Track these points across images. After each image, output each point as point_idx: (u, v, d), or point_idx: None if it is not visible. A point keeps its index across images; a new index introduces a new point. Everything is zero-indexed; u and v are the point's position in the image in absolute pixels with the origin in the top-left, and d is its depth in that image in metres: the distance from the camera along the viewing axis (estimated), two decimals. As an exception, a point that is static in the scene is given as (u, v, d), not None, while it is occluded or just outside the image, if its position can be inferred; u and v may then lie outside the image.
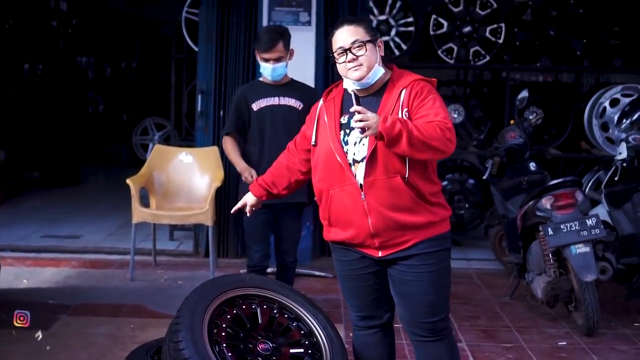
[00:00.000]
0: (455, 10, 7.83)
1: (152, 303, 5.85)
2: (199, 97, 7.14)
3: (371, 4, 7.61)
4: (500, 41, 7.79)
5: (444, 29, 7.83)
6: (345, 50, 3.45)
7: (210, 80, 7.10)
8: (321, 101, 3.68)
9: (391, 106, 3.42)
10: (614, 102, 7.66)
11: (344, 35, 3.46)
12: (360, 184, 3.43)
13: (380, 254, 3.51)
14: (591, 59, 8.23)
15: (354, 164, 3.47)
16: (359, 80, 3.47)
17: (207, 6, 7.09)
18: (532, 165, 6.23)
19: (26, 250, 7.22)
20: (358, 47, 3.43)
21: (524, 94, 6.39)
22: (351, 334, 3.87)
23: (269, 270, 5.98)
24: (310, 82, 5.80)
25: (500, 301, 6.12)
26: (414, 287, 3.51)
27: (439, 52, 7.81)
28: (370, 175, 3.41)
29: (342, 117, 3.54)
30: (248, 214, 4.03)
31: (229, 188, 6.99)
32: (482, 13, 7.82)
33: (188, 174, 6.81)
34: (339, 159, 3.46)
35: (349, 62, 3.44)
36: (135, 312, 5.66)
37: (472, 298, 6.21)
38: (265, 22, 6.85)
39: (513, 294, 6.17)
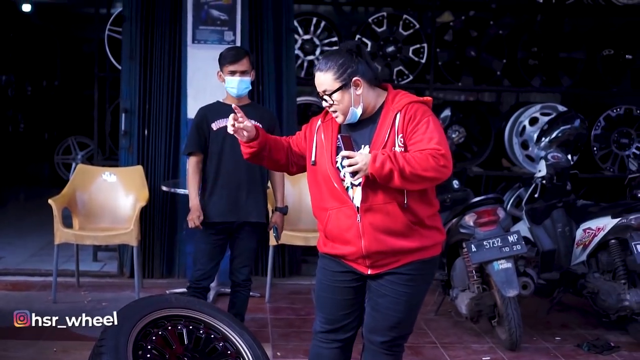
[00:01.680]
0: (379, 30, 7.94)
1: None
2: (123, 116, 7.06)
3: (296, 24, 7.65)
4: (423, 61, 7.91)
5: (368, 49, 7.91)
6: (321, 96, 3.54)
7: (134, 99, 7.03)
8: (319, 121, 3.68)
9: (386, 133, 3.44)
10: (533, 121, 7.87)
11: (317, 81, 3.52)
12: (357, 207, 3.47)
13: (369, 271, 3.57)
14: (511, 79, 8.42)
15: (351, 187, 3.50)
16: (341, 122, 3.54)
17: (130, 24, 7.01)
18: (455, 183, 6.31)
19: (-57, 273, 7.01)
20: (328, 96, 3.48)
21: (447, 112, 6.51)
22: (279, 353, 3.88)
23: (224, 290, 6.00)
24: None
25: (426, 317, 6.17)
26: (388, 302, 3.57)
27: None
28: (367, 200, 3.45)
29: (338, 141, 3.53)
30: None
31: (154, 207, 6.94)
32: (405, 33, 7.95)
33: (112, 194, 6.73)
34: (335, 183, 3.50)
35: (328, 106, 3.52)
36: (58, 334, 5.46)
37: (398, 315, 6.25)
38: (189, 41, 6.84)
39: (438, 310, 6.25)
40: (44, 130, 14.58)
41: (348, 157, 3.32)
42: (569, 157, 6.08)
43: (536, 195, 6.04)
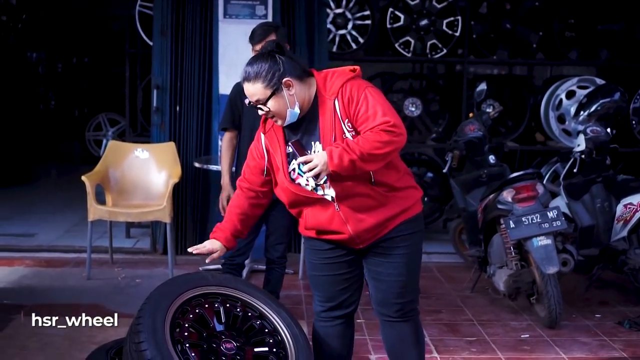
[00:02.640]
0: (412, 3, 7.80)
1: (110, 302, 5.72)
2: (154, 92, 7.02)
3: (327, -3, 7.56)
4: (457, 34, 7.77)
5: (401, 22, 7.79)
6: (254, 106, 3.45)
7: (165, 76, 6.98)
8: (262, 136, 3.58)
9: (331, 124, 3.37)
10: (570, 94, 7.72)
11: (247, 92, 3.42)
12: (332, 197, 3.42)
13: (360, 246, 3.54)
14: (545, 52, 8.26)
15: (319, 187, 3.44)
16: (281, 125, 3.46)
17: (161, 0, 6.95)
18: (492, 158, 6.22)
19: (-22, 250, 7.03)
20: (262, 104, 3.40)
21: (482, 86, 6.38)
22: (313, 328, 3.83)
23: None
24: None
25: (462, 294, 6.12)
26: (388, 269, 3.55)
27: (396, 45, 7.78)
28: (339, 190, 3.40)
29: (288, 147, 3.48)
30: (208, 261, 3.79)
31: (187, 183, 6.91)
32: (439, 6, 7.80)
33: (144, 170, 6.70)
34: (298, 192, 3.45)
35: (264, 114, 3.44)
36: (93, 311, 5.48)
37: (434, 292, 6.19)
38: (221, 15, 6.78)
39: (474, 287, 6.17)
40: (75, 107, 14.61)
41: (305, 162, 3.28)
42: (608, 130, 5.95)
43: (575, 170, 5.91)
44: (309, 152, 3.40)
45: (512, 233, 5.27)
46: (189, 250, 3.74)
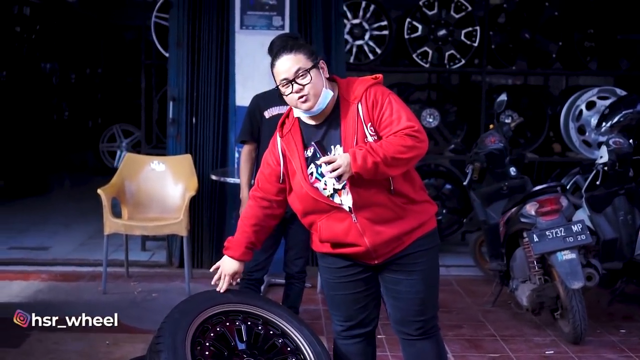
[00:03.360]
0: (430, 13, 7.73)
1: (127, 317, 5.62)
2: (170, 104, 6.96)
3: (345, 8, 7.48)
4: (476, 44, 7.69)
5: (419, 33, 7.72)
6: (290, 82, 3.31)
7: (182, 87, 6.92)
8: (278, 138, 3.51)
9: (354, 128, 3.32)
10: (590, 105, 7.62)
11: (286, 65, 3.32)
12: (349, 207, 3.34)
13: (376, 261, 3.46)
14: (564, 62, 8.17)
15: (336, 193, 3.37)
16: (308, 110, 3.35)
17: (177, 10, 6.90)
18: (513, 170, 6.13)
19: (-6, 263, 6.98)
20: (302, 76, 3.30)
21: (503, 97, 6.29)
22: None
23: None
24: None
25: (483, 309, 6.02)
26: (406, 286, 3.48)
27: (414, 55, 7.70)
28: (356, 197, 3.33)
29: (306, 151, 3.41)
30: (224, 288, 3.69)
31: (203, 196, 6.84)
32: (457, 16, 7.72)
33: (160, 183, 6.64)
34: (316, 197, 3.37)
35: (296, 92, 3.31)
36: (109, 327, 5.45)
37: (454, 306, 6.10)
38: (237, 27, 6.72)
39: (495, 302, 6.07)
40: (88, 118, 14.59)
41: (329, 163, 3.21)
42: (631, 141, 5.86)
43: (598, 182, 5.82)
44: (329, 154, 3.33)
45: (536, 247, 5.18)
46: (211, 270, 3.67)
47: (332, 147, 3.37)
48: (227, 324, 3.60)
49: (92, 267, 6.94)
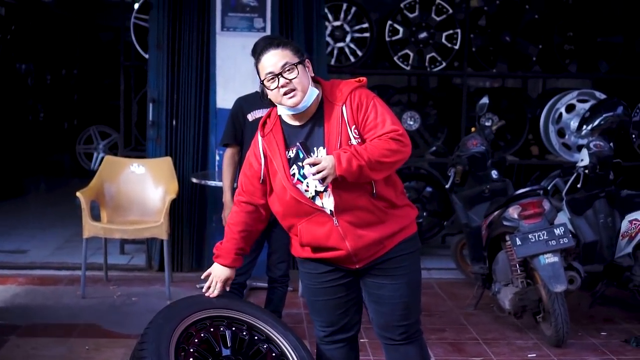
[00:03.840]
0: (411, 15, 7.71)
1: (106, 322, 5.60)
2: (150, 106, 6.89)
3: (326, 10, 7.45)
4: (457, 47, 7.68)
5: (400, 35, 7.70)
6: (276, 75, 3.28)
7: (162, 89, 6.86)
8: (259, 138, 3.46)
9: (337, 130, 3.30)
10: (570, 108, 7.65)
11: (273, 60, 3.29)
12: (331, 210, 3.31)
13: (357, 266, 3.43)
14: (543, 65, 8.19)
15: (317, 195, 3.34)
16: (294, 106, 3.31)
17: (157, 12, 6.83)
18: (494, 173, 6.13)
19: (-30, 267, 6.87)
20: (289, 70, 3.27)
21: (484, 100, 6.29)
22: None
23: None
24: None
25: (465, 312, 6.01)
26: (389, 291, 3.45)
27: (395, 58, 7.68)
28: (338, 200, 3.30)
29: (289, 152, 3.38)
30: (215, 294, 3.63)
31: (183, 199, 6.78)
32: (438, 19, 7.71)
33: (140, 186, 6.57)
34: (298, 198, 3.33)
35: (282, 87, 3.28)
36: (89, 331, 5.41)
37: (436, 309, 6.09)
38: (218, 28, 6.67)
39: (477, 305, 6.06)
40: (64, 119, 14.45)
41: (314, 164, 3.18)
42: (611, 145, 5.89)
43: (579, 185, 5.84)
44: (313, 156, 3.30)
45: (519, 250, 5.17)
46: (202, 277, 3.66)
47: (315, 148, 3.34)
48: (212, 329, 3.56)
49: (70, 271, 6.87)
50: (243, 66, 6.55)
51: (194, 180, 6.35)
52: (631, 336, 5.46)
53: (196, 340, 3.48)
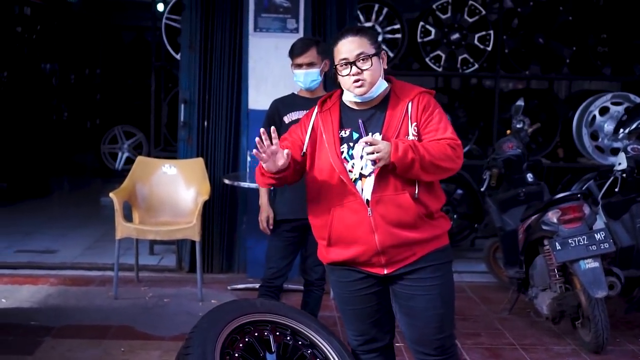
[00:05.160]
0: (443, 17, 7.65)
1: (140, 323, 5.57)
2: (182, 106, 6.87)
3: (357, 11, 7.40)
4: (489, 49, 7.61)
5: (432, 36, 7.65)
6: (350, 63, 3.28)
7: (193, 90, 6.83)
8: (315, 112, 3.46)
9: (398, 121, 3.30)
10: (604, 111, 7.57)
11: (349, 47, 3.29)
12: (367, 199, 3.27)
13: (386, 271, 3.37)
14: (573, 67, 8.10)
15: (360, 179, 3.31)
16: (360, 95, 3.32)
17: (190, 12, 6.80)
18: (530, 177, 6.07)
19: (1, 266, 6.86)
20: (363, 60, 3.27)
21: (520, 102, 6.24)
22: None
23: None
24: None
25: (499, 316, 5.95)
26: (422, 302, 3.38)
27: (427, 59, 7.63)
28: (378, 191, 3.27)
29: (343, 131, 3.37)
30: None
31: (214, 200, 6.75)
32: (470, 20, 7.65)
33: (172, 187, 6.54)
34: (341, 175, 3.29)
35: (353, 75, 3.28)
36: (123, 333, 5.38)
37: (470, 313, 6.03)
38: (251, 29, 6.62)
39: (512, 309, 6.00)
40: (87, 119, 14.47)
41: (371, 144, 3.16)
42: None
43: (616, 189, 5.76)
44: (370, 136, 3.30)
45: (559, 255, 5.11)
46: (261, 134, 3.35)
47: (371, 133, 3.32)
48: (256, 334, 3.54)
49: (101, 272, 6.86)
50: (276, 67, 6.51)
51: (226, 181, 6.31)
52: (671, 343, 5.39)
53: (241, 345, 3.46)
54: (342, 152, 3.34)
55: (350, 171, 3.31)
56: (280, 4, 6.60)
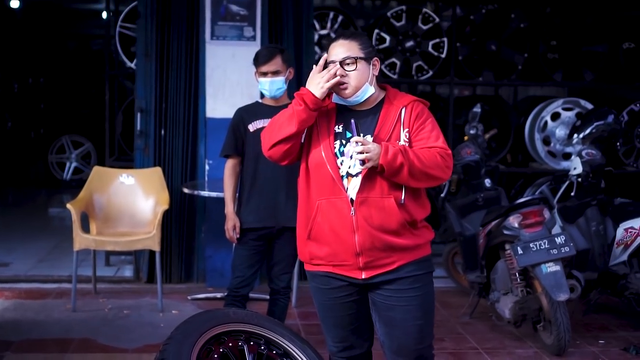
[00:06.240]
0: (398, 24, 7.71)
1: (101, 336, 5.49)
2: (138, 115, 6.80)
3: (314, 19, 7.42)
4: (443, 56, 7.69)
5: (387, 44, 7.70)
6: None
7: (150, 98, 6.76)
8: None
9: (391, 125, 3.32)
10: (555, 116, 7.70)
11: (337, 50, 3.34)
12: (352, 199, 3.28)
13: (364, 275, 3.36)
14: (528, 74, 8.21)
15: (347, 177, 3.32)
16: (345, 98, 3.35)
17: (145, 20, 6.74)
18: (488, 182, 6.16)
19: (-46, 280, 6.70)
20: (348, 63, 3.30)
21: (477, 109, 6.32)
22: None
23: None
24: (257, 98, 5.53)
25: (461, 321, 6.00)
26: (402, 313, 3.38)
27: (382, 66, 7.68)
28: (363, 191, 3.28)
29: (337, 126, 3.39)
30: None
31: (172, 210, 6.67)
32: (424, 28, 7.72)
33: (130, 197, 6.46)
34: (330, 170, 3.31)
35: (341, 76, 3.30)
36: (85, 346, 5.29)
37: (432, 319, 6.06)
38: (208, 37, 6.59)
39: (473, 313, 6.06)
40: (31, 128, 14.18)
41: (362, 144, 3.19)
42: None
43: (572, 193, 5.87)
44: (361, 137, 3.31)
45: (521, 259, 5.17)
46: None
47: (362, 134, 3.33)
48: (230, 344, 3.52)
49: (57, 284, 6.75)
50: (233, 75, 6.50)
51: (186, 190, 6.26)
52: (630, 344, 5.48)
53: (216, 356, 3.43)
54: (335, 147, 3.36)
55: (339, 168, 3.33)
56: (237, 12, 6.58)
